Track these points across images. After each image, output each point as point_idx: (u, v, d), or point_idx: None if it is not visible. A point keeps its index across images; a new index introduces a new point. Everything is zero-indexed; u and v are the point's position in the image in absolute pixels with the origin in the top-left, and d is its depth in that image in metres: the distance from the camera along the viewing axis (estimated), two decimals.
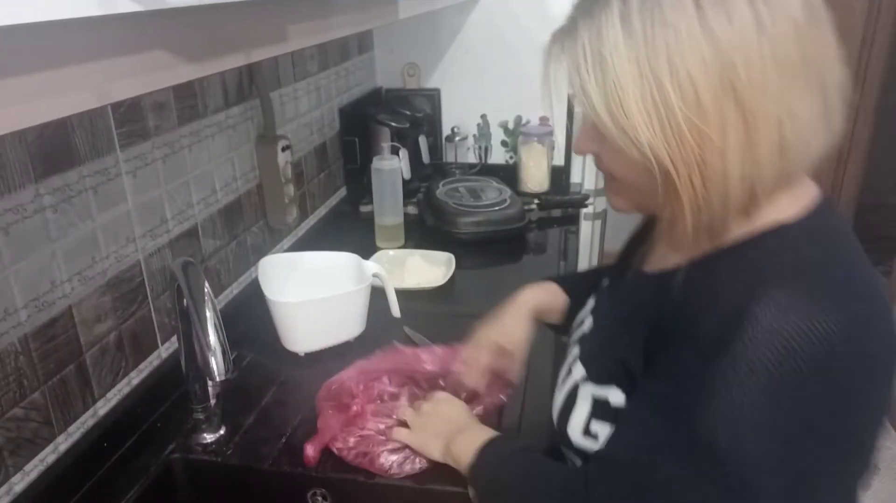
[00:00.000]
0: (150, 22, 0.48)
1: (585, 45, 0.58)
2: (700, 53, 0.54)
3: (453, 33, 2.01)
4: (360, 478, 0.89)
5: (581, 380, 0.72)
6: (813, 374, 0.53)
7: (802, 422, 0.54)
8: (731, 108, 0.55)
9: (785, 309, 0.53)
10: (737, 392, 0.54)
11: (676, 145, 0.56)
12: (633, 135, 0.57)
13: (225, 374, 0.82)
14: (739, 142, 0.55)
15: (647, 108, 0.55)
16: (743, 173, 0.56)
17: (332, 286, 1.21)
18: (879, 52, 2.76)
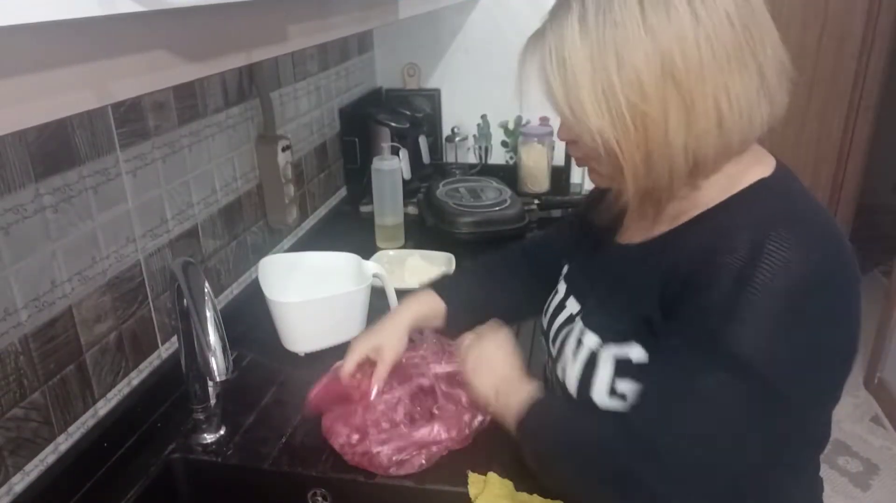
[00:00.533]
0: (150, 22, 0.48)
1: (550, 47, 0.67)
2: (642, 47, 0.63)
3: (453, 33, 2.01)
4: (360, 478, 0.89)
5: (597, 346, 0.76)
6: (820, 294, 0.64)
7: (820, 336, 0.64)
8: (671, 92, 0.64)
9: (792, 244, 0.62)
10: (761, 315, 0.62)
11: (621, 129, 0.65)
12: (585, 122, 0.66)
13: (225, 374, 0.82)
14: (681, 120, 0.64)
15: (597, 99, 0.65)
16: (686, 145, 0.66)
17: (332, 286, 1.21)
18: (879, 52, 2.76)
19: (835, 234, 0.68)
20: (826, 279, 0.64)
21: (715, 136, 0.66)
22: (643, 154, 0.66)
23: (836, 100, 2.84)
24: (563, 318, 0.87)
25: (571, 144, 0.75)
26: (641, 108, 0.64)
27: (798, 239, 0.63)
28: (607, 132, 0.66)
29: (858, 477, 2.27)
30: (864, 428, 2.48)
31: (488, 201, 1.67)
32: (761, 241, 0.63)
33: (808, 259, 0.63)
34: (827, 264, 0.64)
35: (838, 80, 2.80)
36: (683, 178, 0.69)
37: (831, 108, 2.85)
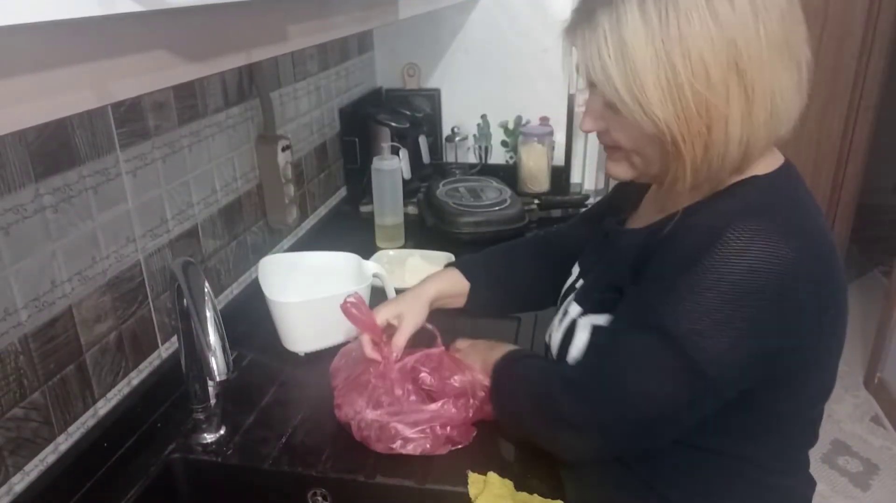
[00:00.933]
0: (150, 22, 0.48)
1: (606, 31, 0.66)
2: (709, 36, 0.63)
3: (453, 33, 2.01)
4: (360, 478, 0.90)
5: (578, 315, 0.82)
6: (772, 294, 0.64)
7: (759, 329, 0.66)
8: (734, 82, 0.64)
9: (752, 235, 0.64)
10: (700, 296, 0.64)
11: (685, 119, 0.65)
12: (649, 111, 0.66)
13: (225, 374, 0.82)
14: (741, 111, 0.65)
15: (661, 87, 0.64)
16: (741, 137, 0.67)
17: (332, 286, 1.21)
18: (879, 52, 2.76)
19: (813, 233, 0.69)
20: (784, 276, 0.64)
21: (767, 127, 0.67)
22: (703, 144, 0.67)
23: (836, 100, 2.84)
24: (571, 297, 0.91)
25: (604, 134, 0.76)
26: (706, 97, 0.64)
27: (763, 230, 0.64)
28: (671, 121, 0.66)
29: (858, 477, 2.27)
30: (864, 428, 2.48)
31: (488, 201, 1.67)
32: (722, 228, 0.65)
33: (767, 251, 0.63)
34: (791, 261, 0.64)
35: (838, 80, 2.80)
36: (733, 169, 0.71)
37: (831, 108, 2.85)
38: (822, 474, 2.25)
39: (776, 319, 0.66)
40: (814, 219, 0.71)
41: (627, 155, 0.75)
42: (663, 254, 0.71)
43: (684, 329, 0.66)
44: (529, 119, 2.00)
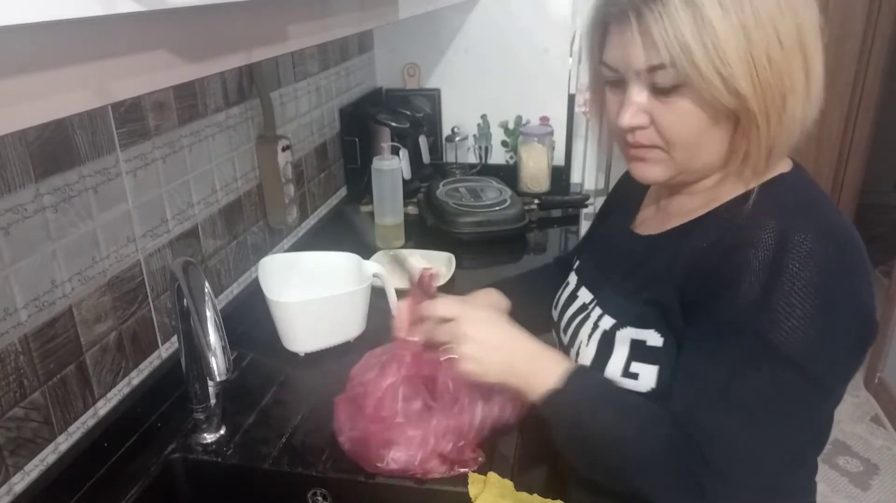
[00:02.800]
0: (150, 22, 0.48)
1: (679, 7, 0.64)
2: (780, 9, 0.65)
3: (453, 33, 2.01)
4: (360, 478, 0.89)
5: (612, 327, 0.78)
6: (846, 280, 0.66)
7: (850, 320, 0.67)
8: (799, 54, 0.66)
9: (814, 234, 0.65)
10: (794, 305, 0.64)
11: (762, 91, 0.65)
12: (731, 83, 0.65)
13: (225, 374, 0.82)
14: (804, 86, 0.67)
15: (743, 58, 0.64)
16: (803, 116, 0.69)
17: (332, 286, 1.21)
18: (879, 52, 2.76)
19: (847, 225, 0.71)
20: (845, 267, 0.67)
21: (816, 106, 0.69)
22: (778, 116, 0.67)
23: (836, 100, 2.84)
24: (576, 308, 0.88)
25: (644, 131, 0.72)
26: (781, 66, 0.65)
27: (818, 228, 0.66)
28: (751, 93, 0.65)
29: (858, 477, 2.27)
30: (864, 428, 2.48)
31: (488, 201, 1.67)
32: (786, 233, 0.65)
33: (829, 247, 0.65)
34: (844, 253, 0.67)
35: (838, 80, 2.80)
36: (790, 146, 0.71)
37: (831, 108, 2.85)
38: (822, 474, 2.24)
39: (858, 307, 0.68)
40: (837, 209, 0.73)
41: (669, 151, 0.72)
42: (731, 269, 0.67)
43: (801, 347, 0.64)
44: (529, 119, 2.00)
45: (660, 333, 0.74)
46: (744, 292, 0.65)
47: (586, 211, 1.94)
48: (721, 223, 0.72)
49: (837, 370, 0.68)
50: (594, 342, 0.79)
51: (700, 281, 0.70)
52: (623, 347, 0.76)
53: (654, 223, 0.83)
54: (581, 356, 0.81)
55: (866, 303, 0.69)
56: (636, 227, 0.86)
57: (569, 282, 0.94)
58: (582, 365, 0.80)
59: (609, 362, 0.77)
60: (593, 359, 0.79)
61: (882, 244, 3.36)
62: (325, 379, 1.11)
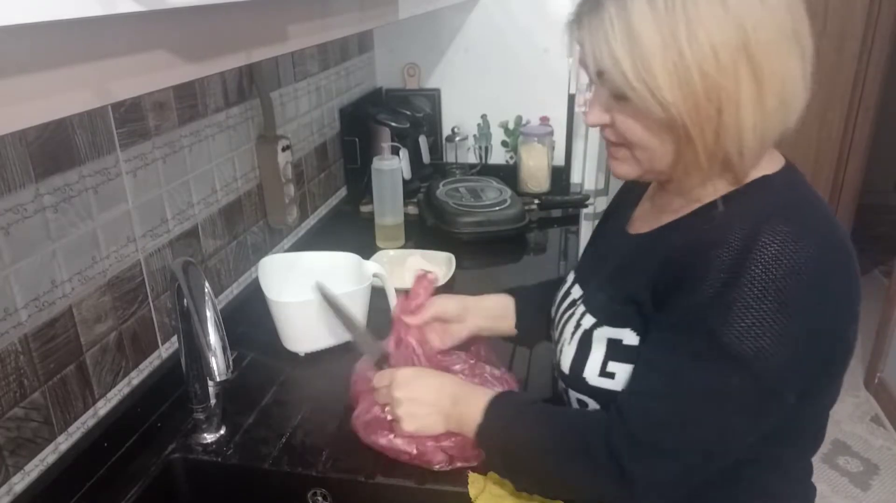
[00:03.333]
0: (150, 22, 0.48)
1: (612, 18, 0.65)
2: (716, 19, 0.63)
3: (453, 33, 2.01)
4: (360, 478, 0.89)
5: (592, 327, 0.79)
6: (813, 288, 0.64)
7: (810, 330, 0.65)
8: (744, 66, 0.64)
9: (785, 237, 0.64)
10: (751, 308, 0.63)
11: (693, 103, 0.65)
12: (658, 95, 0.65)
13: (225, 374, 0.82)
14: (752, 95, 0.65)
15: (669, 70, 0.64)
16: (755, 124, 0.66)
17: (333, 286, 1.21)
18: (879, 52, 2.76)
19: (832, 227, 0.69)
20: (819, 273, 0.64)
21: (779, 115, 0.67)
22: (713, 128, 0.66)
23: (836, 100, 2.84)
24: (567, 304, 0.90)
25: (609, 129, 0.74)
26: (716, 80, 0.64)
27: (792, 232, 0.64)
28: (679, 104, 0.65)
29: (858, 477, 2.27)
30: (864, 428, 2.48)
31: (488, 201, 1.67)
32: (754, 234, 0.64)
33: (800, 252, 0.63)
34: (821, 258, 0.65)
35: (838, 80, 2.80)
36: (755, 159, 0.70)
37: (831, 108, 2.85)
38: (822, 474, 2.25)
39: (824, 318, 0.66)
40: (830, 213, 0.72)
41: (631, 151, 0.74)
42: (696, 267, 0.67)
43: (750, 349, 0.64)
44: (529, 119, 2.00)
45: (636, 332, 0.75)
46: (703, 290, 0.66)
47: (586, 211, 1.94)
48: (700, 222, 0.72)
49: (789, 378, 0.67)
50: (575, 341, 0.81)
51: (669, 277, 0.70)
52: (600, 346, 0.78)
53: (644, 222, 0.83)
54: (563, 355, 0.82)
55: (833, 319, 0.67)
56: (630, 225, 0.86)
57: (566, 279, 0.95)
58: (501, 392, 0.84)
59: (587, 361, 0.78)
60: (573, 358, 0.80)
61: (882, 244, 3.36)
62: (325, 379, 1.11)
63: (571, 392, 0.82)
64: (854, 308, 0.69)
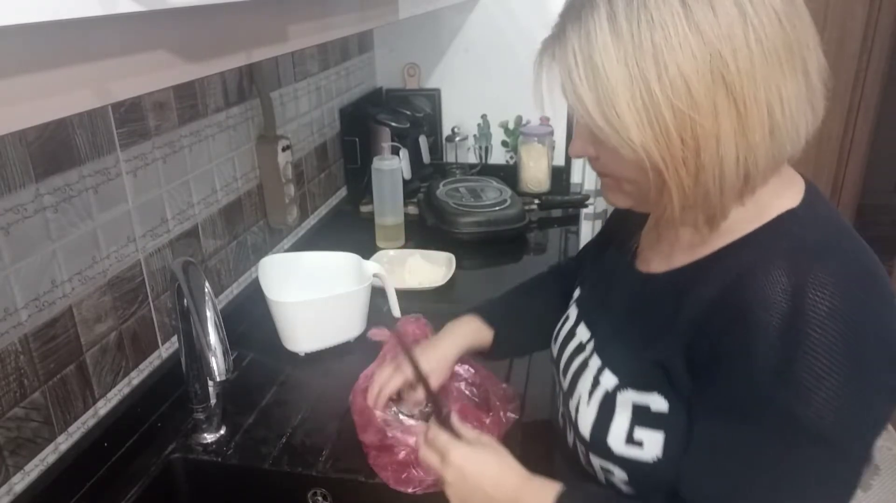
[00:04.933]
0: (150, 22, 0.48)
1: (576, 50, 0.60)
2: (689, 48, 0.56)
3: (453, 33, 2.01)
4: (360, 478, 0.89)
5: (614, 388, 0.71)
6: (871, 339, 0.58)
7: (879, 379, 0.58)
8: (722, 97, 0.57)
9: (834, 289, 0.57)
10: (828, 381, 0.56)
11: (666, 143, 0.58)
12: (625, 135, 0.59)
13: (225, 374, 0.82)
14: (732, 127, 0.58)
15: (637, 108, 0.58)
16: (738, 157, 0.59)
17: (332, 286, 1.21)
18: (879, 52, 2.76)
19: (869, 262, 0.62)
20: (872, 316, 0.58)
21: (768, 146, 0.60)
22: (693, 169, 0.59)
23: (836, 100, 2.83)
24: (574, 347, 0.81)
25: (595, 161, 0.69)
26: (690, 116, 0.57)
27: (837, 281, 0.57)
28: (650, 145, 0.58)
29: None
30: None
31: (488, 201, 1.67)
32: (800, 290, 0.57)
33: (852, 301, 0.57)
34: (869, 300, 0.59)
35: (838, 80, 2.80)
36: (735, 195, 0.63)
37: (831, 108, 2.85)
38: None
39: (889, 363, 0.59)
40: (858, 240, 0.65)
41: (618, 183, 0.68)
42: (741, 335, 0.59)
43: (834, 424, 0.57)
44: (529, 119, 2.00)
45: (664, 397, 0.67)
46: (762, 363, 0.58)
47: (586, 211, 1.94)
48: (726, 270, 0.63)
49: (872, 435, 0.60)
50: (595, 403, 0.72)
51: (710, 342, 0.62)
52: (625, 411, 0.69)
53: (655, 257, 0.75)
54: (581, 416, 0.73)
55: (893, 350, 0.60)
56: (638, 259, 0.78)
57: (569, 315, 0.87)
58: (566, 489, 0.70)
59: (611, 427, 0.70)
60: (594, 422, 0.72)
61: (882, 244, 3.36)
62: (326, 379, 1.11)
63: (594, 457, 0.73)
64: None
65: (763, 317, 0.58)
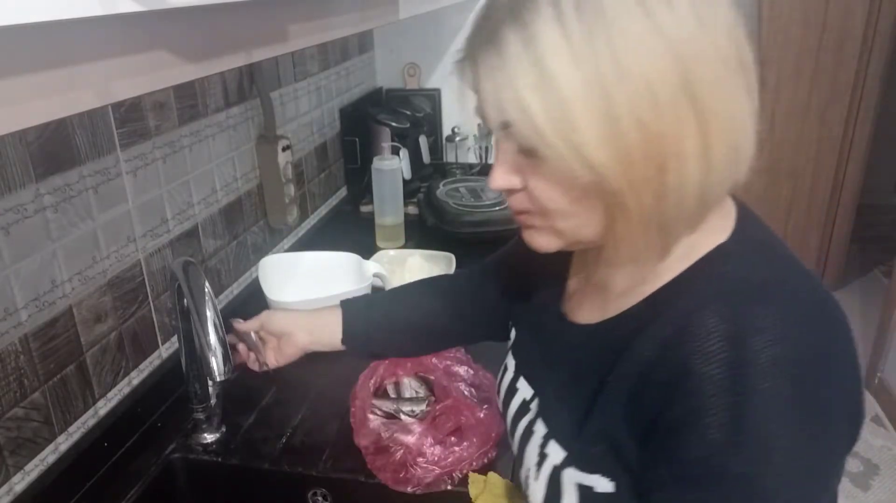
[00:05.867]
0: (150, 22, 0.48)
1: (519, 55, 0.50)
2: (651, 50, 0.48)
3: (453, 33, 2.01)
4: (360, 478, 0.89)
5: (561, 463, 0.63)
6: (822, 376, 0.52)
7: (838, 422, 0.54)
8: (685, 108, 0.50)
9: (773, 332, 0.51)
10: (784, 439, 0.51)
11: (629, 161, 0.50)
12: (584, 153, 0.50)
13: (225, 374, 0.82)
14: (697, 144, 0.51)
15: (596, 121, 0.49)
16: (699, 180, 0.52)
17: (333, 286, 1.21)
18: (879, 52, 2.76)
19: (812, 296, 0.56)
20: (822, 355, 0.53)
21: (726, 167, 0.53)
22: (653, 190, 0.52)
23: (836, 100, 2.83)
24: (518, 405, 0.73)
25: (516, 195, 0.59)
26: (655, 129, 0.49)
27: (775, 323, 0.51)
28: (611, 165, 0.50)
29: (858, 477, 2.27)
30: (864, 428, 2.48)
31: (489, 201, 1.67)
32: (739, 339, 0.51)
33: (795, 346, 0.51)
34: (817, 337, 0.53)
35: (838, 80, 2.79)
36: (687, 226, 0.56)
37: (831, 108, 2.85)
38: None
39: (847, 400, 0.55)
40: (794, 262, 0.58)
41: (549, 219, 0.58)
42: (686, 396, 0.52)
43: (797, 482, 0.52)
44: None
45: (610, 478, 0.59)
46: (710, 429, 0.51)
47: None
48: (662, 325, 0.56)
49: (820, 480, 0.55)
50: (543, 479, 0.65)
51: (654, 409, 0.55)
52: (571, 491, 0.62)
53: (586, 304, 0.67)
54: (532, 492, 0.67)
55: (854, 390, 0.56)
56: (567, 306, 0.70)
57: (507, 366, 0.78)
58: None
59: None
60: (544, 500, 0.65)
61: (882, 244, 3.36)
62: (325, 379, 1.11)
63: None
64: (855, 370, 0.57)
65: (706, 372, 0.51)
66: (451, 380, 0.97)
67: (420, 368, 1.01)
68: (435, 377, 0.99)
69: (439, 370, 0.99)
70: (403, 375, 1.02)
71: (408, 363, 1.01)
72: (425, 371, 1.01)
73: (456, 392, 0.96)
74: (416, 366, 1.01)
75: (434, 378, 0.99)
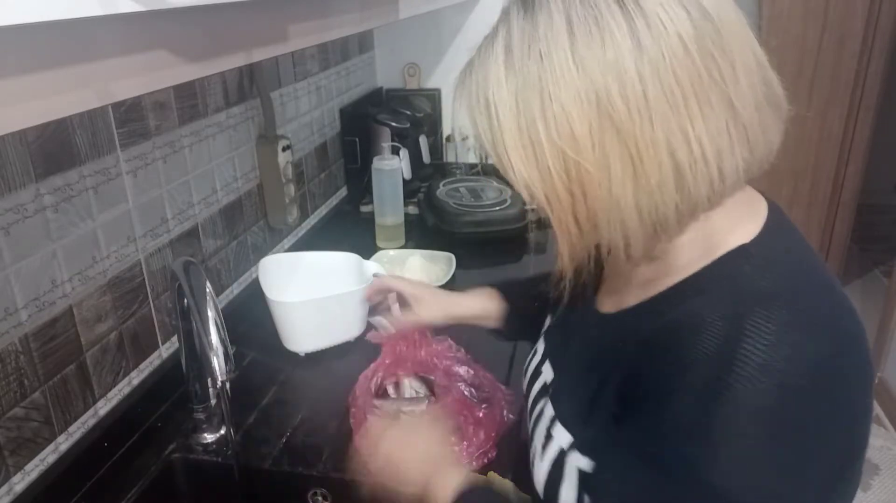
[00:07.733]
0: (150, 22, 0.48)
1: (477, 84, 0.58)
2: (572, 85, 0.52)
3: (453, 33, 2.01)
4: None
5: (567, 447, 0.65)
6: (808, 404, 0.51)
7: (807, 452, 0.52)
8: (611, 139, 0.52)
9: (772, 340, 0.50)
10: (743, 439, 0.50)
11: (550, 183, 0.55)
12: (514, 173, 0.56)
13: (226, 374, 0.82)
14: (626, 174, 0.53)
15: (523, 146, 0.55)
16: (638, 204, 0.54)
17: (332, 286, 1.21)
18: (879, 52, 2.76)
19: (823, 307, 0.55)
20: (818, 379, 0.51)
21: (673, 190, 0.53)
22: (583, 214, 0.55)
23: (836, 100, 2.83)
24: (539, 387, 0.75)
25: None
26: (574, 158, 0.52)
27: (780, 331, 0.51)
28: (536, 186, 0.55)
29: None
30: None
31: (488, 201, 1.67)
32: (735, 338, 0.51)
33: (792, 358, 0.50)
34: (819, 360, 0.51)
35: (838, 80, 2.79)
36: (643, 242, 0.57)
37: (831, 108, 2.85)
38: None
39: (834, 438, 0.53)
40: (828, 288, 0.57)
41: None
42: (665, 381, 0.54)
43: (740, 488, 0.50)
44: None
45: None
46: (678, 413, 0.52)
47: None
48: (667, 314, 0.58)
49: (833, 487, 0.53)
50: (548, 460, 0.67)
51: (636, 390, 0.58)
52: (572, 475, 0.63)
53: (612, 295, 0.70)
54: (536, 471, 0.69)
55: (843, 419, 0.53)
56: (599, 298, 0.72)
57: (537, 349, 0.81)
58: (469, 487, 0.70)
59: (561, 489, 0.65)
60: (546, 481, 0.66)
61: (882, 244, 3.36)
62: (325, 379, 1.11)
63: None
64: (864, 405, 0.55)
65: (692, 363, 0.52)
66: (451, 380, 0.97)
67: (420, 368, 1.01)
68: (435, 377, 0.99)
69: (439, 370, 0.99)
70: (403, 375, 1.02)
71: (408, 363, 1.01)
72: (425, 371, 1.01)
73: (456, 392, 0.96)
74: (416, 367, 1.01)
75: (434, 378, 0.99)
